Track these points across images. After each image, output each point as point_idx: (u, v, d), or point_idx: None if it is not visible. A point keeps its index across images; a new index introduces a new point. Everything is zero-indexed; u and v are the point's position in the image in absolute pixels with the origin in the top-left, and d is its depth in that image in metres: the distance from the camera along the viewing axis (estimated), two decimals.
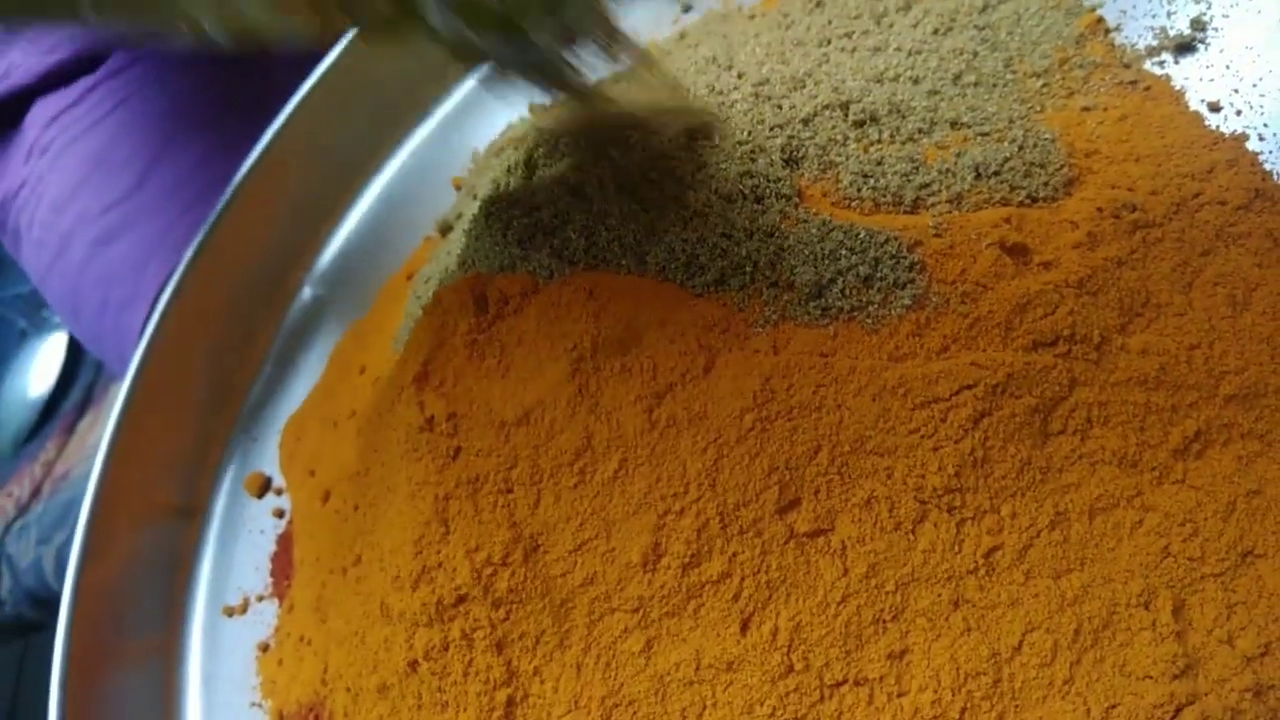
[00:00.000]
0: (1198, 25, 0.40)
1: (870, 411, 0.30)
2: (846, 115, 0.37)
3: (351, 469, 0.39)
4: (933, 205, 0.34)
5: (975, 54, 0.39)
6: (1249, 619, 0.28)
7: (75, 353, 1.00)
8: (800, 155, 0.36)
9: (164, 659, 0.47)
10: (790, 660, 0.29)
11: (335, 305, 0.55)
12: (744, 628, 0.29)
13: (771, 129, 0.37)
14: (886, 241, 0.32)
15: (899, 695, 0.28)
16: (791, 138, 0.36)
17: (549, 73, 0.32)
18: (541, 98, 0.36)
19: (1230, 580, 0.29)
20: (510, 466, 0.31)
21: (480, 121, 0.55)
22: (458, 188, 0.53)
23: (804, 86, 0.39)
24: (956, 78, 0.38)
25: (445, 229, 0.50)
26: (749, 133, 0.37)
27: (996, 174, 0.35)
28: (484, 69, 0.38)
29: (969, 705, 0.28)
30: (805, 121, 0.37)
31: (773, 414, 0.30)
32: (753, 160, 0.34)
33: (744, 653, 0.29)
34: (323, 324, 0.54)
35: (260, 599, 0.46)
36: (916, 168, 0.35)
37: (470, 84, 0.57)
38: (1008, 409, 0.30)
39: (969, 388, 0.30)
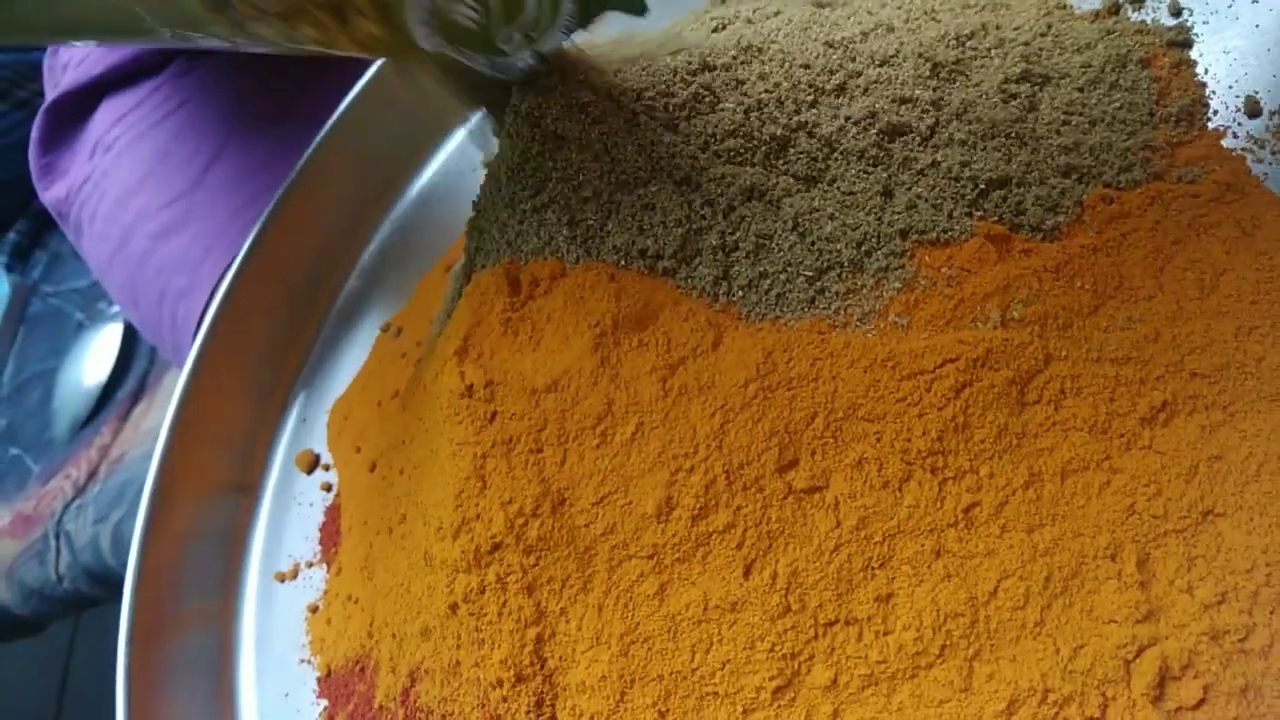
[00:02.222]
0: (1179, 32, 0.42)
1: (862, 382, 0.33)
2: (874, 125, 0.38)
3: (396, 441, 0.43)
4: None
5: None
6: (1208, 571, 0.31)
7: (130, 343, 1.03)
8: (806, 150, 0.38)
9: (221, 621, 0.51)
10: (788, 602, 0.32)
11: (378, 296, 0.58)
12: (747, 573, 0.32)
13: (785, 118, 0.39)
14: (880, 229, 0.35)
15: (885, 634, 0.31)
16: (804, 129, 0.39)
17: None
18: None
19: (1191, 536, 0.31)
20: (540, 429, 0.34)
21: None
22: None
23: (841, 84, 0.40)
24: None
25: None
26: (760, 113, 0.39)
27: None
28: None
29: (948, 643, 0.31)
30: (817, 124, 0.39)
31: (774, 384, 0.33)
32: (752, 153, 0.38)
33: (747, 595, 0.32)
34: (367, 313, 0.57)
35: (309, 565, 0.50)
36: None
37: None
38: (987, 380, 0.33)
39: (951, 361, 0.33)
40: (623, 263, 0.35)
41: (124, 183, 0.70)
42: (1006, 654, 0.31)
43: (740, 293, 0.35)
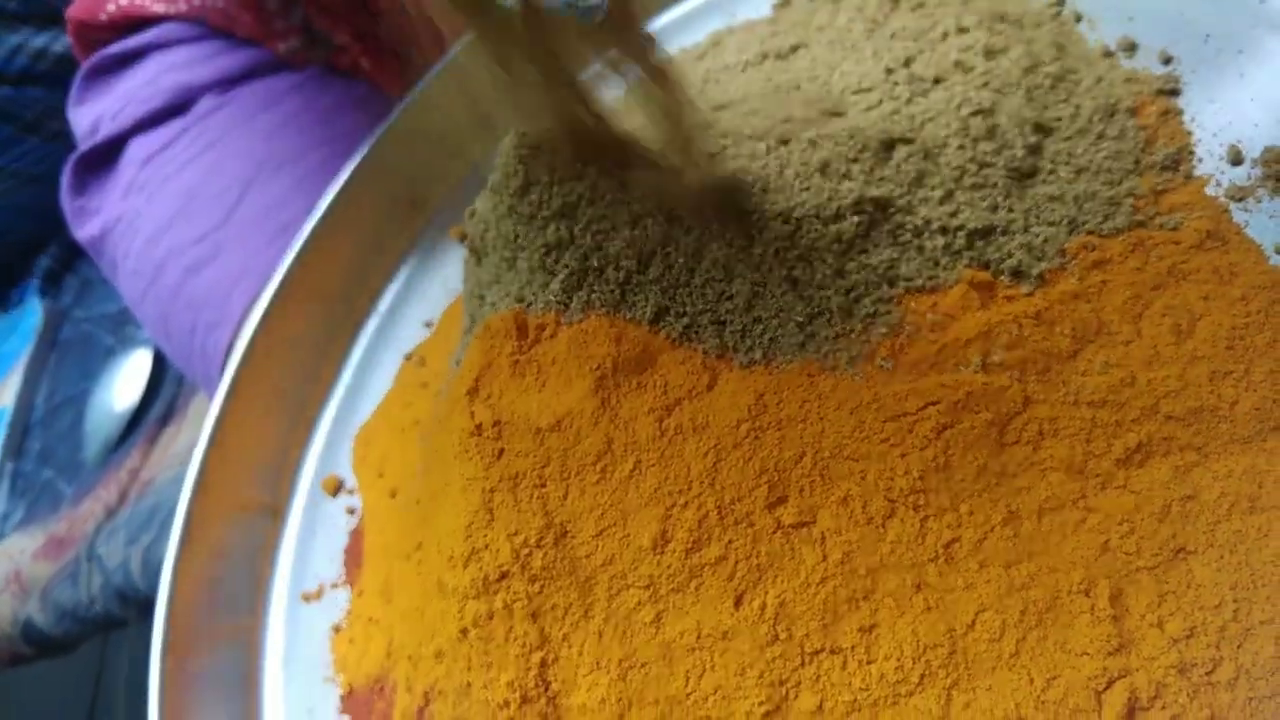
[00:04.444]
0: (1168, 80, 0.44)
1: (848, 423, 0.35)
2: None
3: (415, 470, 0.45)
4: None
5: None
6: (1178, 606, 0.32)
7: (158, 368, 1.05)
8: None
9: (249, 639, 0.52)
10: (776, 631, 0.33)
11: (403, 326, 0.60)
12: (737, 603, 0.34)
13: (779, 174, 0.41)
14: (868, 277, 0.37)
15: (868, 663, 0.33)
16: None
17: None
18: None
19: (1163, 573, 0.33)
20: (544, 466, 0.36)
21: None
22: None
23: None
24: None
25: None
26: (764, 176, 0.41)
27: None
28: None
29: (928, 673, 0.32)
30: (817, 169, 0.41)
31: (765, 425, 0.35)
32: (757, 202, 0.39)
33: (737, 624, 0.34)
34: (391, 342, 0.59)
35: (334, 586, 0.51)
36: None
37: None
38: (968, 422, 0.34)
39: (934, 404, 0.34)
40: None
41: (155, 221, 0.72)
42: (983, 684, 0.32)
43: (735, 337, 0.37)
